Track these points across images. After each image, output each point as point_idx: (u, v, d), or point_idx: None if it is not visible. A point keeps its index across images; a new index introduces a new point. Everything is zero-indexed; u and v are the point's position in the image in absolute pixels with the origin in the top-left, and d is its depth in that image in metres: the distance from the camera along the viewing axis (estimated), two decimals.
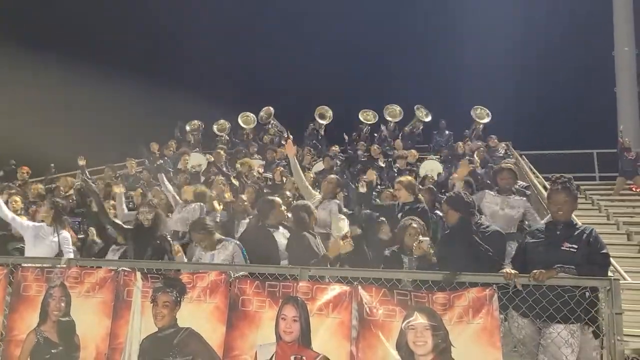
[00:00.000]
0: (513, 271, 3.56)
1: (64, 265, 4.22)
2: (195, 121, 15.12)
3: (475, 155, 10.14)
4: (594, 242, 3.72)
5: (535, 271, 3.50)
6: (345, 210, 6.80)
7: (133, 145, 12.77)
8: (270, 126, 14.33)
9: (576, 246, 3.69)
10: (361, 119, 14.03)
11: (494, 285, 3.43)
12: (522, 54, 19.22)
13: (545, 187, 10.31)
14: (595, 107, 17.31)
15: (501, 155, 11.37)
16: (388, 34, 20.93)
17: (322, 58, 21.17)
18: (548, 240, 3.84)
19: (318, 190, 6.90)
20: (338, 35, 20.96)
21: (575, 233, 3.79)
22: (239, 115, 14.85)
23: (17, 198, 7.19)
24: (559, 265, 3.57)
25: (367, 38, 21.13)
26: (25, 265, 4.40)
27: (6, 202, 7.17)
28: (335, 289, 3.57)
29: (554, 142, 14.14)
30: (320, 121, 13.99)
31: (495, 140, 11.99)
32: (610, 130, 14.09)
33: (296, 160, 6.76)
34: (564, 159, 13.79)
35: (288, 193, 7.04)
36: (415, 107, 13.90)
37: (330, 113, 14.17)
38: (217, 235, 4.92)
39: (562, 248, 3.72)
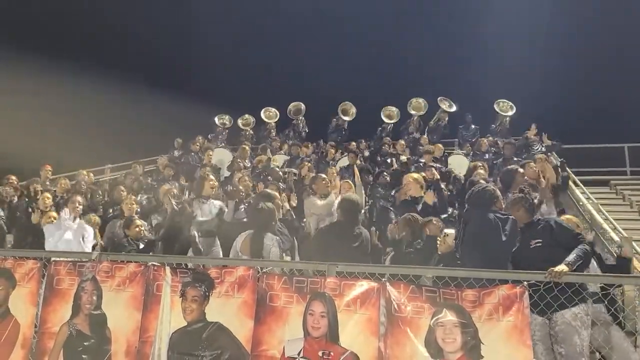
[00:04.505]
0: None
1: (96, 259, 4.31)
2: (226, 116, 15.12)
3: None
4: (557, 231, 3.99)
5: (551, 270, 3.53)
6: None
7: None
8: (299, 121, 14.28)
9: (540, 240, 3.98)
10: (384, 118, 13.81)
11: (525, 283, 3.38)
12: (552, 45, 18.76)
13: (575, 183, 10.12)
14: (627, 99, 16.82)
15: (533, 152, 10.84)
16: (409, 28, 20.64)
17: (342, 54, 21.03)
18: (522, 241, 4.16)
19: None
20: (356, 33, 20.77)
21: (537, 228, 4.13)
22: (262, 110, 14.82)
23: (49, 195, 7.29)
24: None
25: (388, 32, 20.92)
26: (58, 259, 4.49)
27: (37, 198, 7.37)
28: (363, 285, 3.56)
29: (584, 135, 13.70)
30: (344, 117, 13.83)
31: (535, 130, 11.34)
32: None
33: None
34: (594, 153, 13.41)
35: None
36: (438, 99, 13.58)
37: (353, 110, 13.95)
38: None
39: (531, 246, 4.01)
